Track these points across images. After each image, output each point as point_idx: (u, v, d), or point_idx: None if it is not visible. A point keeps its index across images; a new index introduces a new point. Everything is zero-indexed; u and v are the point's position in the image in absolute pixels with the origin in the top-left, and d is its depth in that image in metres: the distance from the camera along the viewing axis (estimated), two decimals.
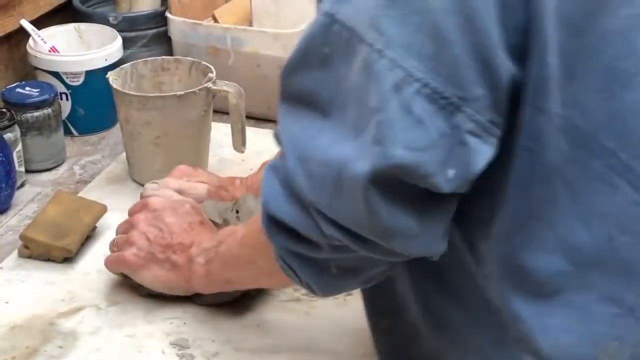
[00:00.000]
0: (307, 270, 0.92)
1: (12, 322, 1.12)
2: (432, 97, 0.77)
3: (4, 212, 1.36)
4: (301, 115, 0.85)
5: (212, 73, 1.39)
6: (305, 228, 0.88)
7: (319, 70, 0.83)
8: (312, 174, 0.83)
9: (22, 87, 1.46)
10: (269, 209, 0.89)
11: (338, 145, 0.81)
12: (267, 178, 0.90)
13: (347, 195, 0.81)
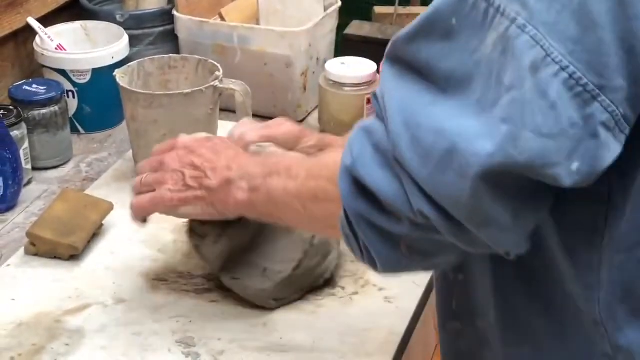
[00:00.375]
0: (377, 242, 0.86)
1: (19, 320, 1.12)
2: (569, 82, 0.74)
3: (11, 209, 1.36)
4: (412, 82, 0.81)
5: (219, 71, 1.39)
6: (392, 197, 0.82)
7: (442, 41, 0.80)
8: (419, 141, 0.79)
9: (29, 84, 1.46)
10: (356, 171, 0.85)
11: (458, 118, 0.77)
12: (358, 139, 0.85)
13: (454, 172, 0.77)
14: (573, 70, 0.74)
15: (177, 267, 1.22)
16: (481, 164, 0.75)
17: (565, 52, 0.74)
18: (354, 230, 0.88)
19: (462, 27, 0.79)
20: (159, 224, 1.30)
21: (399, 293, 1.17)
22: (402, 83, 0.82)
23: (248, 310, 1.14)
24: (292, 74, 1.58)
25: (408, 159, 0.80)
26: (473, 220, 0.79)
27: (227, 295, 1.17)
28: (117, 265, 1.23)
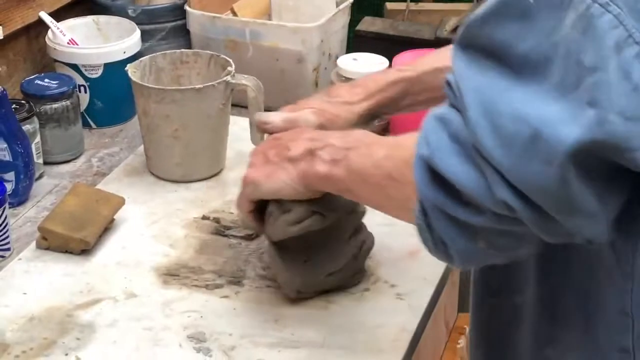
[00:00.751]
0: (455, 235, 0.84)
1: (30, 314, 1.12)
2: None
3: (23, 203, 1.36)
4: (487, 68, 0.79)
5: (231, 66, 1.39)
6: (472, 188, 0.80)
7: (518, 22, 0.77)
8: (500, 130, 0.77)
9: (41, 79, 1.46)
10: (433, 161, 0.83)
11: (538, 103, 0.75)
12: (433, 129, 0.83)
13: (539, 159, 0.75)
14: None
15: (188, 263, 1.22)
16: (568, 150, 0.74)
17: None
18: (428, 222, 0.86)
19: (540, 6, 0.77)
20: (170, 219, 1.31)
21: (411, 290, 1.17)
22: (476, 69, 0.80)
23: (259, 306, 1.14)
24: (304, 69, 1.58)
25: (490, 148, 0.78)
26: (561, 209, 0.78)
27: (238, 291, 1.17)
28: (128, 260, 1.23)
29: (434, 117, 0.84)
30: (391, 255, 1.22)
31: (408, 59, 1.55)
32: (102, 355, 1.06)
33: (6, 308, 1.13)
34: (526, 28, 0.77)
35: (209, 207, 1.34)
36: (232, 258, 1.23)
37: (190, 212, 1.33)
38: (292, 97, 1.59)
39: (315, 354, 1.07)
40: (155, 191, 1.38)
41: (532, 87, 0.77)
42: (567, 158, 0.74)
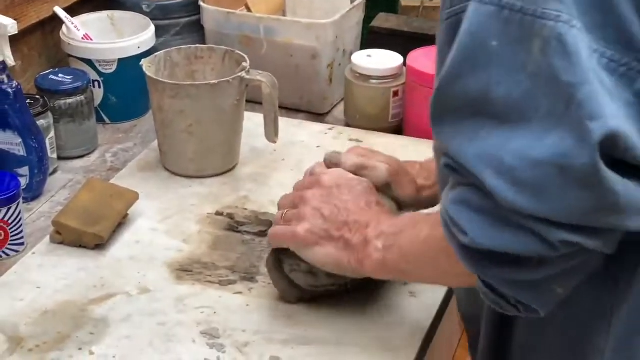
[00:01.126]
0: (529, 295, 0.84)
1: (44, 308, 1.12)
2: (610, 66, 0.74)
3: (37, 198, 1.36)
4: (475, 128, 0.79)
5: (246, 62, 1.39)
6: (527, 248, 0.80)
7: (487, 68, 0.77)
8: (522, 183, 0.77)
9: (56, 74, 1.47)
10: (477, 244, 0.82)
11: (541, 142, 0.75)
12: (458, 213, 0.83)
13: (575, 187, 0.75)
14: (610, 54, 0.74)
15: (201, 258, 1.22)
16: (593, 165, 0.74)
17: (599, 39, 0.74)
18: (497, 293, 0.86)
19: (503, 45, 0.77)
20: (184, 214, 1.31)
21: (424, 287, 1.16)
22: (465, 134, 0.79)
23: (272, 303, 1.14)
24: (318, 65, 1.58)
25: (524, 203, 0.77)
26: (617, 217, 0.77)
27: (251, 287, 1.17)
28: (141, 255, 1.23)
29: (452, 202, 0.84)
30: None
31: (422, 55, 1.55)
32: (116, 349, 1.06)
33: (20, 302, 1.13)
34: (497, 71, 0.77)
35: (223, 202, 1.34)
36: (246, 254, 1.23)
37: (204, 207, 1.33)
38: (307, 93, 1.60)
39: (329, 351, 1.07)
40: (169, 186, 1.38)
41: (525, 128, 0.77)
42: (597, 172, 0.74)
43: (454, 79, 0.80)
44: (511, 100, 0.77)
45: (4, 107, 1.31)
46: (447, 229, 0.85)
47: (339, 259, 1.04)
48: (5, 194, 1.21)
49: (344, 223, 1.04)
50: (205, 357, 1.06)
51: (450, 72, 0.80)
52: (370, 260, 1.02)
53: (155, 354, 1.06)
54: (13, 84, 1.31)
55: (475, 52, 0.78)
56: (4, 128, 1.32)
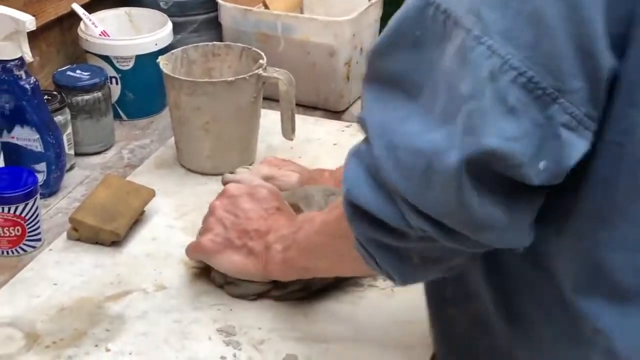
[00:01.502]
0: (388, 259, 0.89)
1: (61, 304, 1.13)
2: (528, 86, 0.75)
3: (54, 194, 1.36)
4: (388, 99, 0.83)
5: (263, 59, 1.39)
6: (390, 217, 0.84)
7: (410, 52, 0.81)
8: (400, 163, 0.81)
9: (73, 70, 1.47)
10: (352, 197, 0.87)
11: (427, 134, 0.79)
12: (350, 164, 0.87)
13: (437, 186, 0.79)
14: (531, 74, 0.75)
15: None
16: (455, 173, 0.77)
17: (522, 57, 0.75)
18: (368, 252, 0.90)
19: (425, 38, 0.80)
20: (200, 211, 1.31)
21: None
22: (380, 103, 0.83)
23: (288, 301, 1.14)
24: (336, 63, 1.58)
25: (394, 180, 0.82)
26: (468, 226, 0.81)
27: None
28: (158, 252, 1.23)
29: (351, 153, 0.88)
30: None
31: None
32: (132, 346, 1.07)
33: (37, 298, 1.14)
34: (417, 57, 0.81)
35: None
36: None
37: None
38: (324, 91, 1.59)
39: (345, 349, 1.07)
40: (185, 183, 1.38)
41: (423, 116, 0.80)
42: (456, 181, 0.77)
43: (381, 54, 0.84)
44: (421, 88, 0.81)
45: (21, 103, 1.31)
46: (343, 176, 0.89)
47: (244, 266, 1.11)
48: (23, 189, 1.21)
49: (245, 232, 1.11)
50: (222, 355, 1.05)
51: (378, 46, 0.84)
52: (272, 264, 1.09)
53: (171, 351, 1.06)
54: (31, 80, 1.31)
55: (401, 36, 0.82)
56: (21, 124, 1.32)
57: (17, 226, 1.22)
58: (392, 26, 0.83)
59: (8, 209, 1.21)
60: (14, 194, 1.21)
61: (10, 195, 1.21)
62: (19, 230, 1.22)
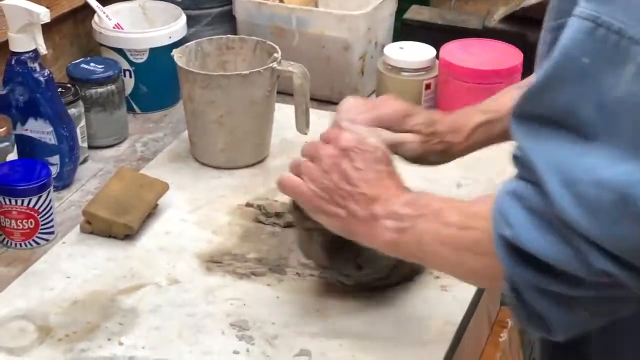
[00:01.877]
0: (552, 308, 0.82)
1: (74, 297, 1.12)
2: None
3: (67, 187, 1.36)
4: (554, 135, 0.78)
5: (277, 53, 1.38)
6: (566, 263, 0.78)
7: (577, 85, 0.76)
8: (582, 199, 0.76)
9: (87, 62, 1.46)
10: (520, 242, 0.80)
11: (615, 167, 0.74)
12: (510, 206, 0.82)
13: (629, 221, 0.74)
14: None
15: (231, 250, 1.22)
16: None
17: None
18: (522, 299, 0.83)
19: (595, 64, 0.75)
20: (214, 205, 1.31)
21: (456, 282, 1.14)
22: (543, 139, 0.79)
23: (302, 295, 1.13)
24: (350, 57, 1.57)
25: (576, 219, 0.76)
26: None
27: (281, 279, 1.16)
28: (171, 245, 1.22)
29: (507, 193, 0.83)
30: None
31: (456, 48, 1.53)
32: (145, 340, 1.06)
33: (50, 291, 1.13)
34: (586, 89, 0.76)
35: (253, 194, 1.33)
36: (275, 246, 1.22)
37: (234, 199, 1.32)
38: (338, 85, 1.59)
39: (359, 345, 1.06)
40: (198, 177, 1.38)
41: (604, 149, 0.75)
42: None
43: (543, 90, 0.79)
44: (594, 120, 0.76)
45: (35, 95, 1.30)
46: (495, 216, 0.84)
47: (342, 227, 1.02)
48: (36, 182, 1.21)
49: (351, 194, 1.00)
50: (235, 349, 1.05)
51: (540, 82, 0.79)
52: (381, 239, 0.98)
53: (184, 345, 1.06)
54: (45, 72, 1.31)
55: (566, 67, 0.77)
56: (35, 116, 1.32)
57: (30, 219, 1.21)
58: (555, 59, 0.78)
59: (22, 202, 1.20)
60: (27, 187, 1.20)
61: (24, 188, 1.20)
62: (32, 223, 1.22)
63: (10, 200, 1.20)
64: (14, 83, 1.31)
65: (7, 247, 1.23)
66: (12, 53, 1.30)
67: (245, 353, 1.05)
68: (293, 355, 1.04)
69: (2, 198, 1.20)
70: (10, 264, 1.20)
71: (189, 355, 1.04)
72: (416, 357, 1.05)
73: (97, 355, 1.04)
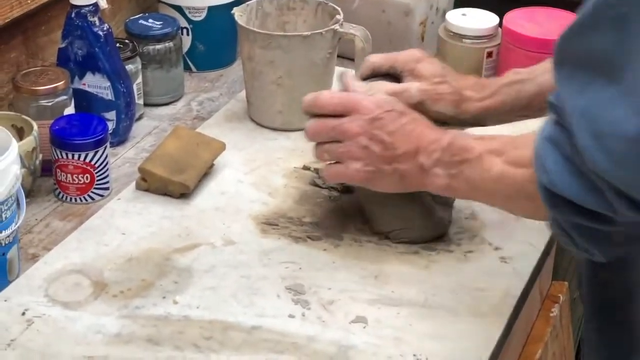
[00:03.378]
0: (590, 239, 0.87)
1: (129, 254, 1.11)
2: None
3: (122, 143, 1.35)
4: (587, 82, 0.80)
5: (340, 15, 1.35)
6: (597, 206, 0.83)
7: (612, 30, 0.78)
8: (611, 150, 0.78)
9: (145, 19, 1.45)
10: (554, 187, 0.85)
11: (635, 118, 0.76)
12: (547, 152, 0.86)
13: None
14: None
15: (287, 213, 1.20)
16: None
17: None
18: (566, 233, 0.89)
19: (633, 14, 0.76)
20: (270, 167, 1.29)
21: (516, 254, 1.13)
22: (577, 86, 0.81)
23: (359, 262, 1.12)
24: (411, 22, 1.54)
25: (605, 168, 0.79)
26: None
27: (338, 245, 1.14)
28: (226, 206, 1.21)
29: (545, 139, 0.86)
30: (496, 217, 1.18)
31: (520, 17, 1.50)
32: (199, 300, 1.05)
33: (105, 247, 1.12)
34: (620, 36, 0.77)
35: (309, 157, 1.30)
36: (332, 211, 1.20)
37: (290, 161, 1.30)
38: (398, 51, 1.55)
39: (416, 313, 1.04)
40: (255, 138, 1.36)
41: (630, 99, 0.77)
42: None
43: (579, 33, 0.80)
44: (622, 69, 0.77)
45: (94, 50, 1.29)
46: (535, 162, 0.88)
47: (399, 187, 1.07)
48: (93, 137, 1.20)
49: (394, 157, 1.05)
50: (290, 313, 1.04)
51: (576, 26, 0.80)
52: (434, 186, 1.04)
53: (239, 307, 1.04)
54: (104, 27, 1.30)
55: (603, 14, 0.78)
56: (93, 71, 1.30)
57: (86, 173, 1.20)
58: (591, 3, 0.79)
59: (78, 156, 1.19)
60: (84, 141, 1.20)
61: (81, 142, 1.19)
62: (87, 178, 1.21)
63: (66, 154, 1.19)
64: (73, 37, 1.30)
65: (63, 201, 1.22)
66: (72, 6, 1.29)
67: (301, 317, 1.03)
68: (349, 321, 1.03)
69: (58, 152, 1.20)
70: (66, 219, 1.19)
71: (244, 317, 1.03)
72: (474, 329, 1.03)
73: (152, 313, 1.03)
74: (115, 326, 1.01)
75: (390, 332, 1.02)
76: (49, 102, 1.24)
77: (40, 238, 1.16)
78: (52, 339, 0.99)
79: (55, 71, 1.28)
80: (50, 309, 1.03)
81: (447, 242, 1.15)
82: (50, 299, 1.04)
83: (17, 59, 1.35)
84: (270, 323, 1.02)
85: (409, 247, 1.14)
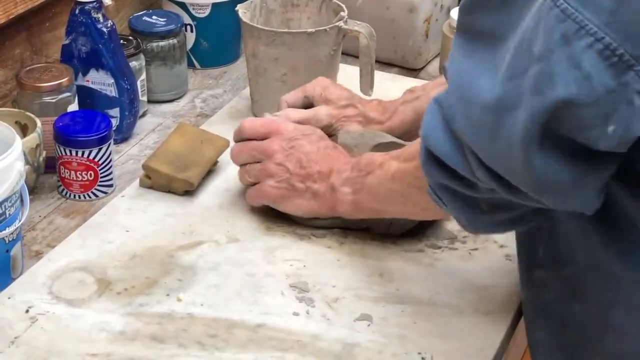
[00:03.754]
0: (458, 205, 0.92)
1: (133, 252, 1.11)
2: (604, 53, 0.74)
3: (126, 140, 1.35)
4: (473, 50, 0.84)
5: (344, 12, 1.35)
6: (460, 166, 0.87)
7: (499, 9, 0.82)
8: (471, 115, 0.83)
9: (149, 15, 1.45)
10: (428, 142, 0.89)
11: (495, 88, 0.80)
12: (431, 110, 0.89)
13: (503, 143, 0.80)
14: (608, 41, 0.74)
15: None
16: (520, 132, 0.77)
17: (601, 24, 0.74)
18: (440, 197, 0.93)
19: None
20: None
21: None
22: (463, 53, 0.84)
23: (364, 259, 1.11)
24: (415, 19, 1.53)
25: (463, 130, 0.84)
26: (530, 186, 0.81)
27: (343, 242, 1.14)
28: (231, 203, 1.21)
29: (434, 99, 0.89)
30: None
31: None
32: (204, 298, 1.05)
33: (109, 244, 1.12)
34: (504, 14, 0.81)
35: None
36: None
37: None
38: (402, 48, 1.55)
39: (421, 311, 1.04)
40: None
41: (494, 72, 0.80)
42: (521, 139, 0.77)
43: (471, 9, 0.85)
44: (502, 44, 0.80)
45: (98, 46, 1.29)
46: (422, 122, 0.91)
47: (310, 207, 1.12)
48: (97, 134, 1.20)
49: (308, 175, 1.12)
50: (294, 311, 1.03)
51: (468, 2, 0.85)
52: (342, 204, 1.10)
53: (243, 304, 1.04)
54: (108, 23, 1.29)
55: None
56: (97, 68, 1.30)
57: (90, 170, 1.20)
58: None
59: (82, 153, 1.19)
60: (88, 138, 1.19)
61: (85, 139, 1.19)
62: (91, 175, 1.21)
63: (70, 151, 1.19)
64: (76, 33, 1.29)
65: (66, 198, 1.22)
66: (76, 2, 1.28)
67: (305, 315, 1.03)
68: (354, 319, 1.03)
69: (62, 149, 1.19)
70: (69, 216, 1.19)
71: (248, 314, 1.03)
72: (479, 327, 1.02)
73: (156, 311, 1.03)
74: (119, 324, 1.01)
75: (395, 330, 1.01)
76: (53, 98, 1.24)
77: (44, 235, 1.16)
78: (56, 337, 0.99)
79: (59, 68, 1.27)
80: (54, 306, 1.02)
81: (452, 240, 1.15)
82: (54, 297, 1.04)
83: (21, 56, 1.35)
84: (275, 321, 1.02)
85: (413, 245, 1.14)
